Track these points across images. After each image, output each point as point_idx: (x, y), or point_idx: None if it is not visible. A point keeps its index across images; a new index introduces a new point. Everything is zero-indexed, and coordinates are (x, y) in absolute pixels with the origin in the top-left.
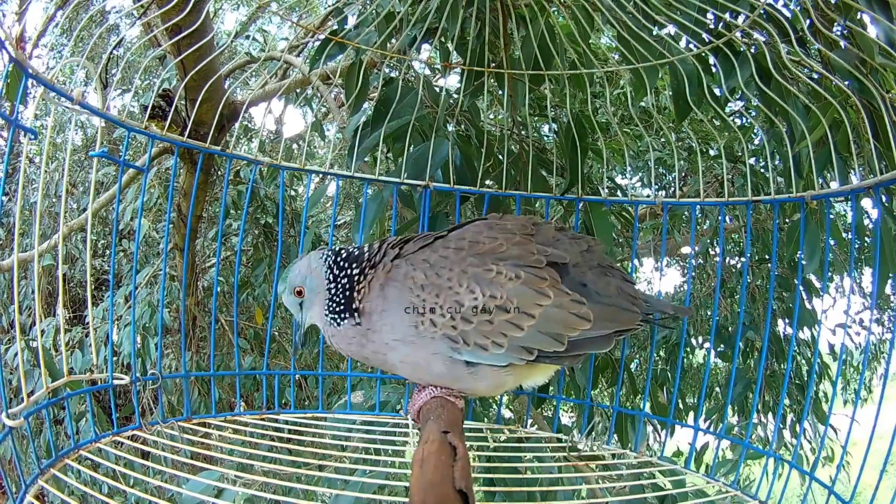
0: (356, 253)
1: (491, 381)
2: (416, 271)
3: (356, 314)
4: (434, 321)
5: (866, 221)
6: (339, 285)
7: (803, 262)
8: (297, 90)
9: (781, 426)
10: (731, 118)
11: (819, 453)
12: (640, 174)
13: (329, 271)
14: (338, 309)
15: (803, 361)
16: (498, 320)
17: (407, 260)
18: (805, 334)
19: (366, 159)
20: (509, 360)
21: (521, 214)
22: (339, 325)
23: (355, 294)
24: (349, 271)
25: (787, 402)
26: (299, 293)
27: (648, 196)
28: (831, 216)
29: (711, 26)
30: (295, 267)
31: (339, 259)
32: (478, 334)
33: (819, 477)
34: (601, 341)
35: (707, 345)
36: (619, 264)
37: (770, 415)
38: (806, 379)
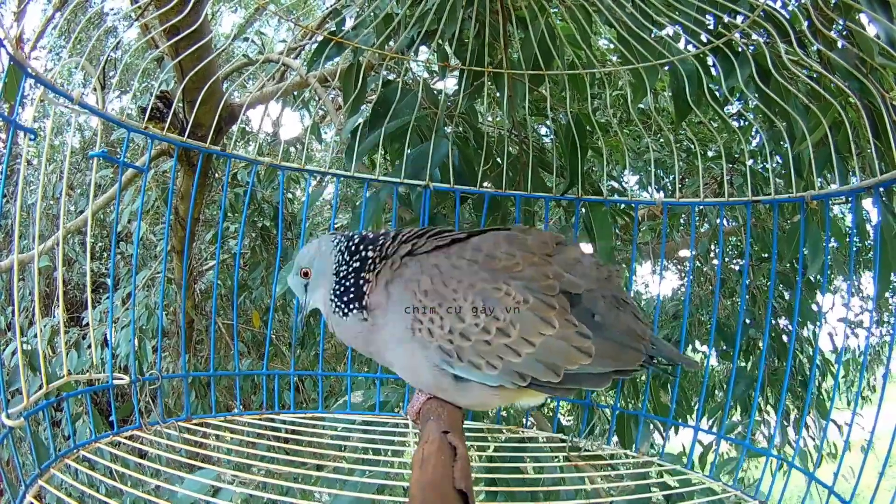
0: (372, 237)
1: (477, 398)
2: (424, 275)
3: (365, 310)
4: (431, 330)
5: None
6: (352, 269)
7: (806, 263)
8: (295, 92)
9: (785, 423)
10: (731, 118)
11: (820, 452)
12: (640, 174)
13: (341, 255)
14: (346, 298)
15: (804, 359)
16: (496, 342)
17: (418, 261)
18: (806, 331)
19: (364, 161)
20: (500, 382)
21: (522, 220)
22: (345, 315)
23: (364, 287)
24: (364, 253)
25: (789, 399)
26: (305, 274)
27: (647, 197)
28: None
29: (711, 27)
30: (304, 248)
31: (351, 244)
32: (473, 352)
33: (821, 474)
34: (598, 379)
35: (705, 347)
36: (619, 266)
37: (772, 412)
38: (808, 374)
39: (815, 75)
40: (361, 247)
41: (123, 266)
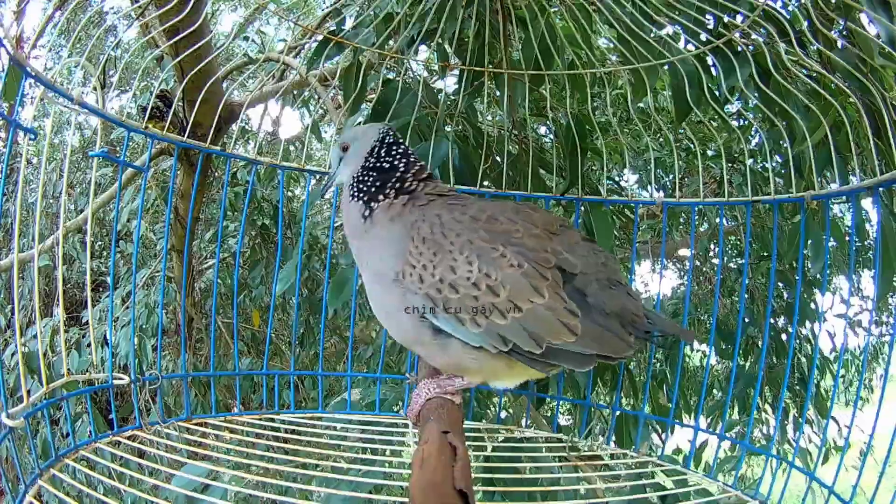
0: (412, 160)
1: (455, 357)
2: (424, 223)
3: (367, 216)
4: (422, 276)
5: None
6: (379, 166)
7: (808, 264)
8: (295, 91)
9: (785, 422)
10: (731, 118)
11: (820, 452)
12: (639, 173)
13: (379, 146)
14: (362, 188)
15: (804, 358)
16: (484, 300)
17: (423, 209)
18: (805, 329)
19: None
20: (482, 342)
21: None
22: (353, 198)
23: (380, 195)
24: (395, 162)
25: (788, 397)
26: (345, 148)
27: (647, 196)
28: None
29: (711, 26)
30: (356, 126)
31: (394, 146)
32: (459, 305)
33: (821, 473)
34: (580, 359)
35: (704, 346)
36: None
37: (771, 412)
38: (807, 372)
39: (815, 75)
40: (398, 153)
41: (123, 265)
